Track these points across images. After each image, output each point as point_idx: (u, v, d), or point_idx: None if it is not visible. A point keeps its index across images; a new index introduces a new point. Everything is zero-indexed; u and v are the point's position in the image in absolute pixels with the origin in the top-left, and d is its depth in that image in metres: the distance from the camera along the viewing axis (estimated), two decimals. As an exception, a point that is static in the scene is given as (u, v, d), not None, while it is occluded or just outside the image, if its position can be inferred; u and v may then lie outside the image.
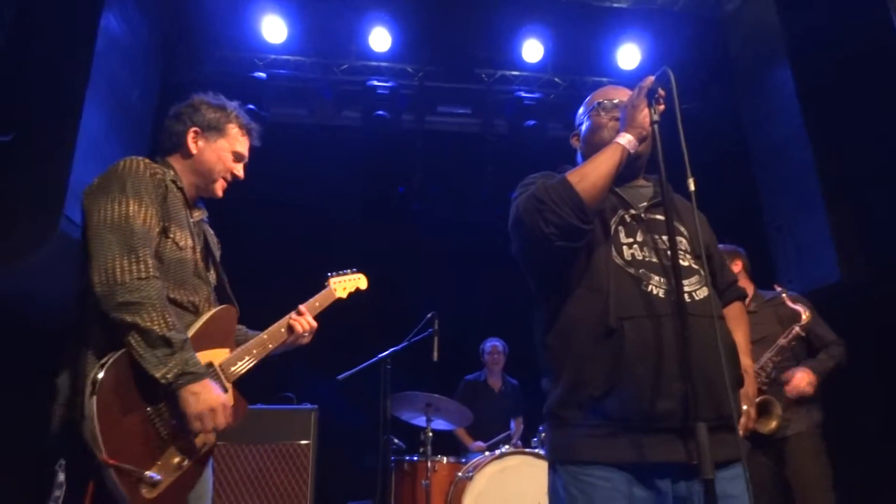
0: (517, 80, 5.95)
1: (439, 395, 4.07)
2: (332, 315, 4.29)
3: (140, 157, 1.82)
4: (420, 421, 4.12)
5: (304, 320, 2.10)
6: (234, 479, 3.57)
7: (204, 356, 1.74)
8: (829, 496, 3.07)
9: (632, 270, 1.56)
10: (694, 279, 1.58)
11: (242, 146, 2.04)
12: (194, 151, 1.95)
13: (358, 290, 2.39)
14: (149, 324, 1.58)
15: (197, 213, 1.98)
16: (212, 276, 1.95)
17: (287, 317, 2.09)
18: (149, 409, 1.62)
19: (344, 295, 2.31)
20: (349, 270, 2.38)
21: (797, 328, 3.20)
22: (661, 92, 1.60)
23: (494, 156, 6.04)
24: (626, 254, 1.59)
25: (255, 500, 3.56)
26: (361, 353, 3.92)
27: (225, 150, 1.98)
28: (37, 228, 3.40)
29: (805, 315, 3.21)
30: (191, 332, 1.74)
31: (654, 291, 1.53)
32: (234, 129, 2.01)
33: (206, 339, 1.79)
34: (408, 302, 4.50)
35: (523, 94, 5.90)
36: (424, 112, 6.03)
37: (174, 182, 1.88)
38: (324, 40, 5.60)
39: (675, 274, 1.43)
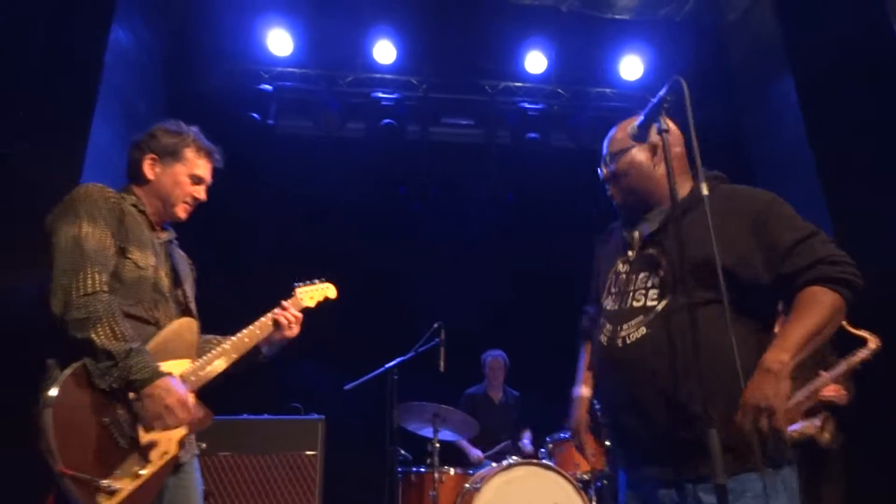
0: (520, 91, 5.99)
1: (446, 406, 4.07)
2: (340, 325, 4.30)
3: (95, 184, 1.92)
4: (427, 432, 4.11)
5: (288, 313, 2.16)
6: (242, 489, 3.56)
7: (164, 367, 1.79)
8: None
9: (601, 321, 1.82)
10: (634, 321, 1.67)
11: (201, 169, 2.08)
12: (151, 177, 2.02)
13: (327, 299, 2.39)
14: (93, 337, 1.67)
15: (164, 235, 2.07)
16: (179, 293, 2.02)
17: (268, 314, 2.16)
18: (106, 419, 1.68)
19: (311, 304, 2.32)
20: (317, 280, 2.40)
21: (864, 353, 3.08)
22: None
23: (498, 166, 6.07)
24: (607, 305, 1.83)
25: (262, 512, 3.55)
26: (368, 364, 3.93)
27: (181, 174, 2.04)
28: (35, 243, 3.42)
29: (873, 342, 3.10)
30: (149, 346, 1.81)
31: (602, 340, 1.78)
32: (190, 153, 2.06)
33: (164, 352, 1.84)
34: (413, 312, 4.50)
35: (526, 106, 5.95)
36: (428, 123, 6.06)
37: (135, 206, 1.98)
38: (329, 53, 5.65)
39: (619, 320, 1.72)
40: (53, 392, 1.62)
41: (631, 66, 5.84)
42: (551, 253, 5.68)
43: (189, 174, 2.06)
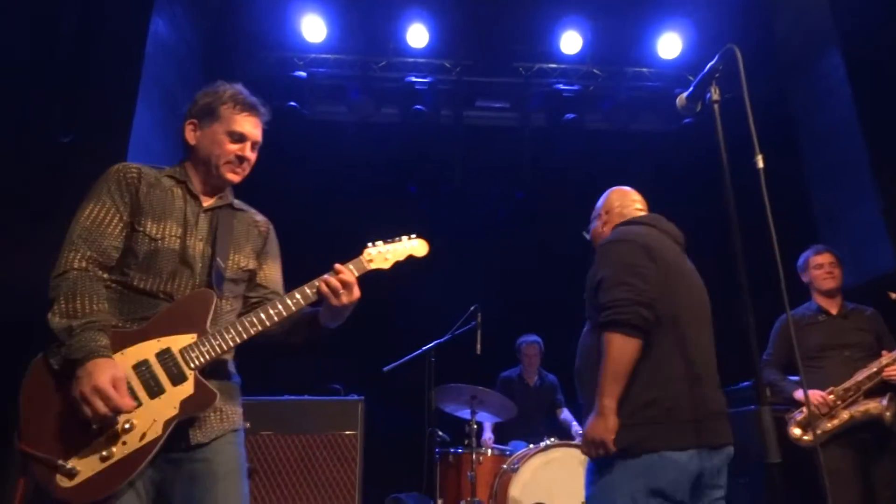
0: (555, 72, 5.92)
1: (483, 388, 4.08)
2: (377, 308, 4.34)
3: (123, 162, 1.91)
4: (464, 413, 4.13)
5: (334, 280, 1.87)
6: (283, 468, 3.66)
7: (161, 343, 1.73)
8: None
9: None
10: None
11: (239, 125, 1.94)
12: (193, 143, 1.95)
13: (411, 258, 2.07)
14: (49, 317, 1.66)
15: (211, 201, 1.97)
16: (217, 262, 1.88)
17: (313, 282, 1.91)
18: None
19: (386, 266, 2.01)
20: (400, 238, 2.07)
21: None
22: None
23: (532, 149, 6.01)
24: None
25: (304, 489, 3.64)
26: (406, 346, 3.96)
27: (219, 132, 1.93)
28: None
29: None
30: (152, 320, 1.75)
31: None
32: (226, 110, 1.93)
33: (165, 326, 1.75)
34: (451, 294, 4.51)
35: (562, 87, 5.86)
36: (462, 107, 6.04)
37: (173, 177, 1.94)
38: (362, 38, 5.67)
39: None
40: (28, 371, 1.67)
41: (669, 44, 5.69)
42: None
43: (227, 131, 1.93)
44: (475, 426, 4.02)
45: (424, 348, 3.95)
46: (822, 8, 5.04)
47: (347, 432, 3.76)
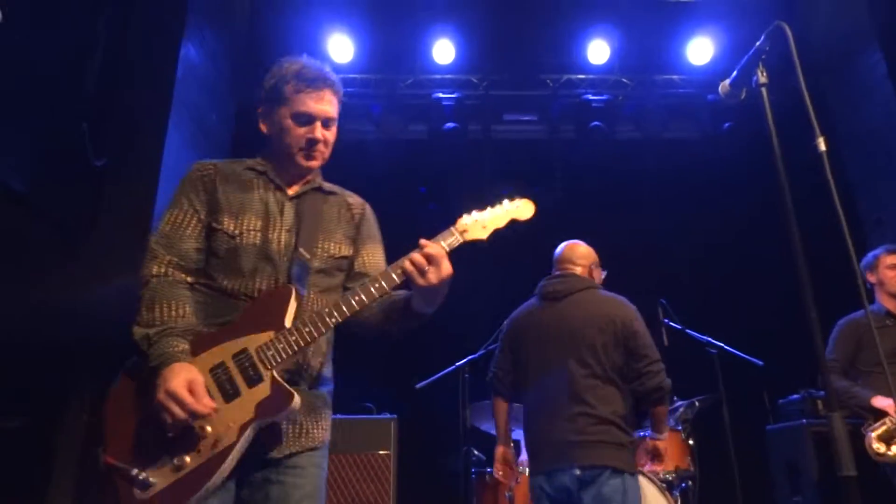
0: (583, 83, 5.85)
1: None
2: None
3: (200, 160, 1.84)
4: (500, 431, 4.02)
5: (417, 255, 1.64)
6: (318, 489, 3.60)
7: (238, 343, 1.63)
8: None
9: None
10: None
11: (303, 104, 1.76)
12: (266, 132, 1.83)
13: (515, 221, 1.85)
14: (133, 329, 1.62)
15: (294, 189, 1.83)
16: (301, 253, 1.74)
17: (400, 260, 1.68)
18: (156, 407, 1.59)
19: (484, 235, 1.79)
20: (501, 202, 1.86)
21: None
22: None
23: (563, 161, 5.93)
24: None
25: (339, 511, 3.57)
26: (439, 362, 3.89)
27: (285, 117, 1.77)
28: (126, 248, 3.58)
29: None
30: (234, 321, 1.67)
31: None
32: (289, 90, 1.76)
33: (245, 325, 1.65)
34: (483, 308, 4.44)
35: (590, 97, 5.79)
36: (490, 121, 6.00)
37: (252, 168, 1.82)
38: (389, 56, 5.69)
39: None
40: (113, 385, 1.64)
41: (700, 49, 5.59)
42: (621, 245, 5.50)
43: (292, 114, 1.76)
44: (512, 444, 3.90)
45: (458, 364, 3.87)
46: (859, 6, 4.89)
47: (381, 452, 3.69)
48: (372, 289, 1.66)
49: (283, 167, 1.83)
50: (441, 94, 5.75)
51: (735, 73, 1.55)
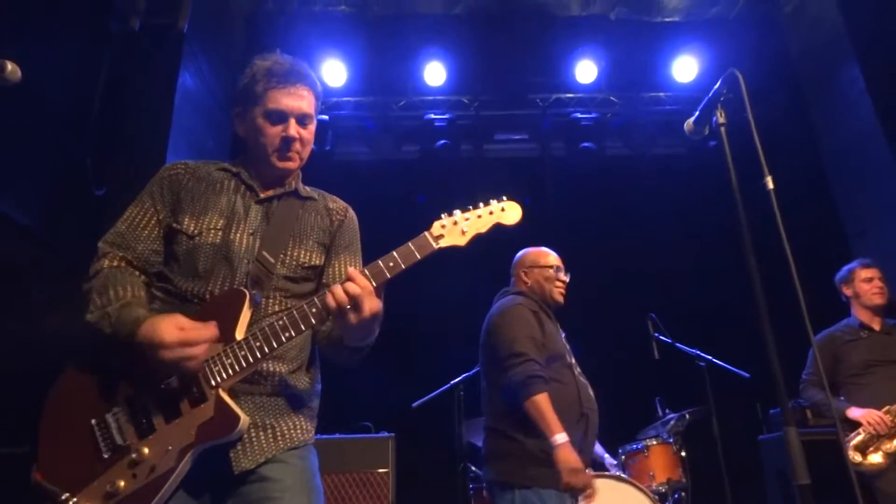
0: (572, 102, 5.98)
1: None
2: (405, 342, 4.35)
3: (172, 162, 1.78)
4: (496, 447, 4.08)
5: (339, 289, 1.45)
6: (318, 508, 3.64)
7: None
8: None
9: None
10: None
11: (276, 101, 1.66)
12: (242, 134, 1.75)
13: (499, 225, 1.65)
14: (86, 319, 1.51)
15: (267, 192, 1.73)
16: (265, 255, 1.63)
17: (325, 291, 1.50)
18: (94, 420, 1.46)
19: (462, 242, 1.59)
20: (487, 202, 1.67)
21: None
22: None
23: (554, 178, 6.04)
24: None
25: (339, 530, 3.62)
26: (435, 380, 3.96)
27: (258, 116, 1.67)
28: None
29: None
30: None
31: None
32: (261, 87, 1.67)
33: None
34: (477, 330, 4.52)
35: (579, 115, 5.92)
36: (482, 141, 6.12)
37: (226, 170, 1.74)
38: (381, 80, 5.82)
39: None
40: (53, 386, 1.50)
41: (685, 68, 5.73)
42: (612, 260, 5.60)
43: (264, 112, 1.67)
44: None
45: (453, 382, 3.93)
46: (836, 21, 5.03)
47: (379, 470, 3.74)
48: (311, 312, 1.51)
49: (259, 170, 1.74)
50: (433, 115, 5.87)
51: (697, 113, 1.65)
